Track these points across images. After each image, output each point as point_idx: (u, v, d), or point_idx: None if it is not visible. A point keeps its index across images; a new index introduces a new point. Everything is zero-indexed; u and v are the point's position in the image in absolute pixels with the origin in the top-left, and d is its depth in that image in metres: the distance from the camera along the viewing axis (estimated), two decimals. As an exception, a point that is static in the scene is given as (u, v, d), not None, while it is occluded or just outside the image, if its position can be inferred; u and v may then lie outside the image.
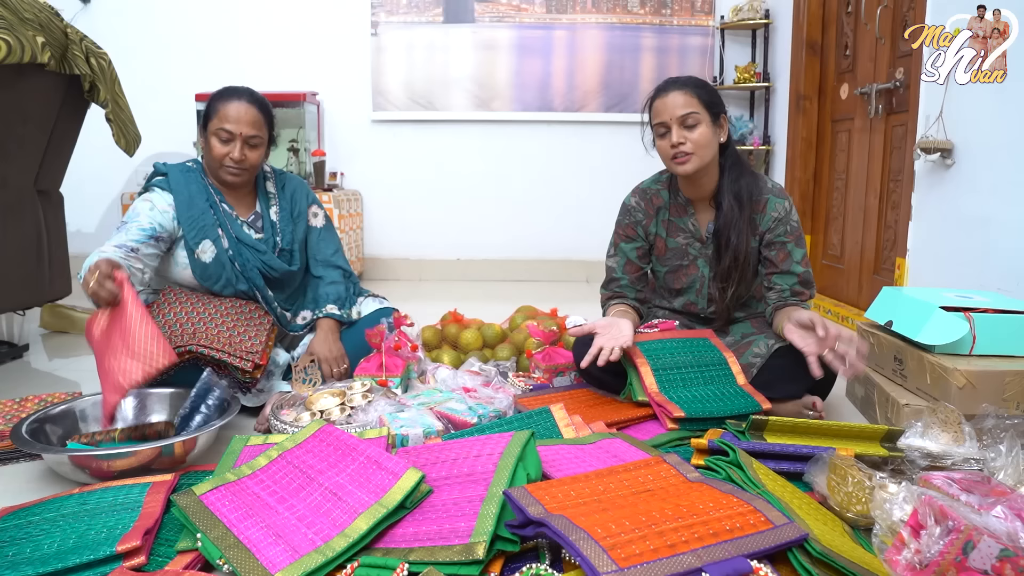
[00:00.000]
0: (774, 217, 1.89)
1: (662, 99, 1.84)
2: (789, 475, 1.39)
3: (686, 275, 2.00)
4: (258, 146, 1.94)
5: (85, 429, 1.69)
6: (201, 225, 1.91)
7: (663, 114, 1.83)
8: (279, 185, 2.11)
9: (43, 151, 2.47)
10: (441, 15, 4.31)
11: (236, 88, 1.96)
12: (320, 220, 2.16)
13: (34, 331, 2.94)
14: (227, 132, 1.89)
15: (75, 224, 4.22)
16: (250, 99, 1.93)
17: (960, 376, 1.63)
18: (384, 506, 1.18)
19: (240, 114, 1.89)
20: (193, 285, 1.96)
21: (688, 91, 1.81)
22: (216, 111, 1.91)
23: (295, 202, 2.10)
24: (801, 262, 1.90)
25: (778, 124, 4.06)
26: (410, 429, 1.59)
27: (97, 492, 1.38)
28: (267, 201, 2.07)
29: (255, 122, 1.91)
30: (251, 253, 1.96)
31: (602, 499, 1.14)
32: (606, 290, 2.08)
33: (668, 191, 2.00)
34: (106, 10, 4.21)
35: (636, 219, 2.01)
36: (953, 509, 1.03)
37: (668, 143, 1.83)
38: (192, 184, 1.95)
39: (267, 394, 1.93)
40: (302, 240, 2.10)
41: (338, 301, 2.09)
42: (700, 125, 1.81)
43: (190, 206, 1.92)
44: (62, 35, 2.34)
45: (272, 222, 2.05)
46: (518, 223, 4.45)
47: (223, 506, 1.25)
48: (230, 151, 1.90)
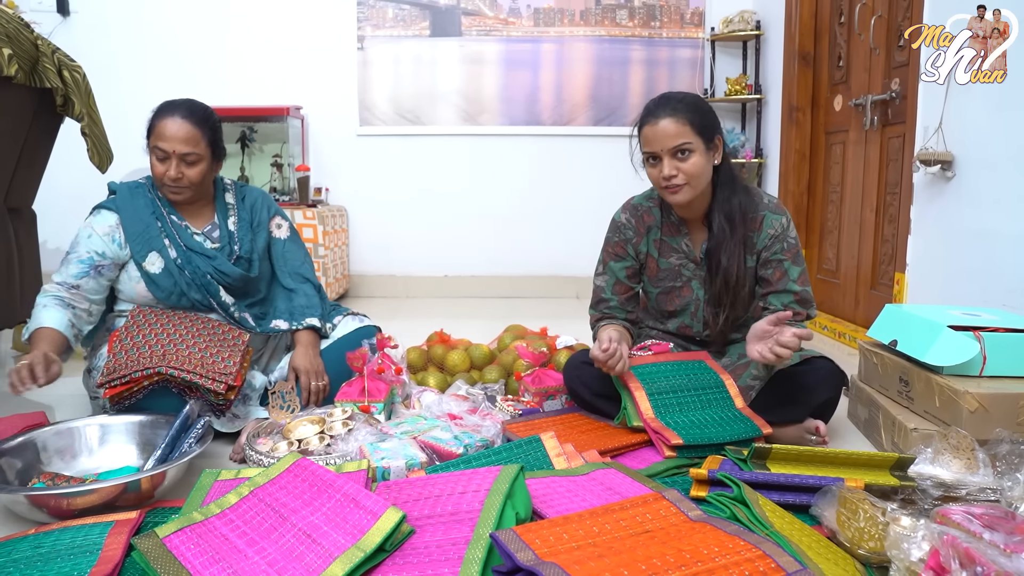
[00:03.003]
0: (770, 235, 1.81)
1: (652, 127, 1.73)
2: (795, 507, 1.31)
3: (680, 297, 1.92)
4: (196, 163, 1.88)
5: (47, 463, 1.59)
6: (146, 238, 1.89)
7: (654, 144, 1.73)
8: (239, 197, 2.07)
9: (13, 167, 2.38)
10: (428, 29, 4.24)
11: (173, 102, 1.90)
12: (284, 232, 2.12)
13: (5, 353, 2.83)
14: (161, 151, 1.85)
15: (52, 241, 4.12)
16: (185, 114, 1.86)
17: (972, 399, 1.55)
18: (361, 549, 1.09)
19: (174, 131, 1.84)
20: (151, 302, 1.91)
21: (680, 118, 1.71)
22: (153, 128, 1.87)
23: (255, 212, 2.06)
24: (798, 280, 1.81)
25: (771, 136, 4.00)
26: (392, 461, 1.50)
27: (54, 533, 1.28)
28: (225, 212, 2.03)
29: (189, 138, 1.85)
30: (202, 260, 1.92)
31: (597, 543, 1.05)
32: (595, 311, 1.99)
33: (660, 209, 1.91)
34: (86, 23, 4.12)
35: (626, 237, 1.92)
36: (979, 552, 0.95)
37: (659, 172, 1.74)
38: (138, 199, 1.93)
39: (243, 420, 1.84)
40: (263, 249, 2.05)
41: (317, 314, 2.03)
42: (693, 155, 1.72)
43: (134, 221, 1.90)
44: (32, 47, 2.25)
45: (230, 232, 2.00)
46: (506, 239, 4.37)
47: (188, 550, 1.15)
48: (167, 169, 1.85)
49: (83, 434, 1.66)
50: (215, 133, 1.93)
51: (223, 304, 1.94)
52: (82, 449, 1.64)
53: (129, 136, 2.90)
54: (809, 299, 1.83)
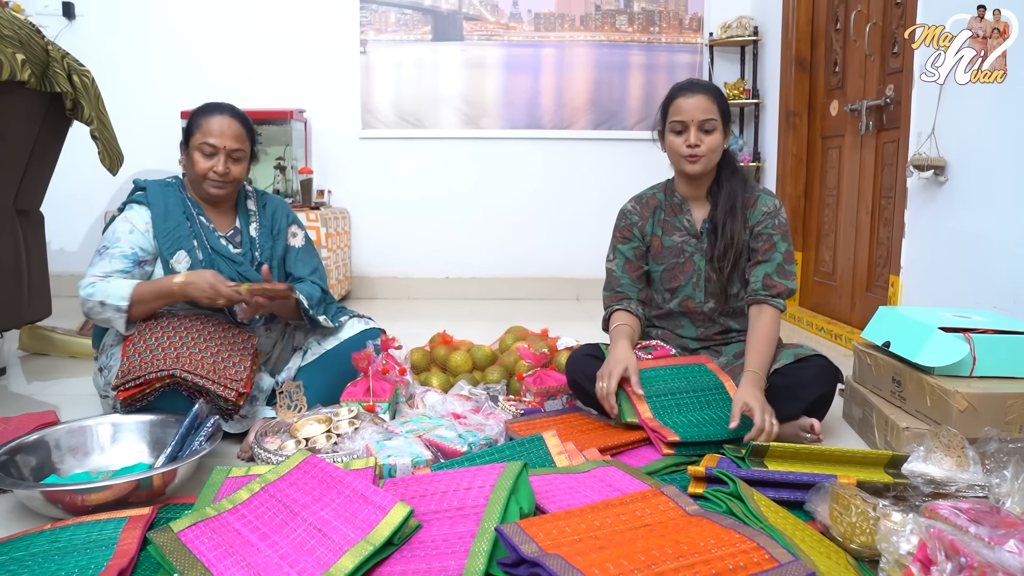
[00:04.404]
0: (764, 211, 1.93)
1: (686, 98, 1.88)
2: (790, 504, 1.34)
3: (683, 272, 2.00)
4: (241, 160, 1.95)
5: (60, 460, 1.63)
6: (176, 236, 1.92)
7: (684, 113, 1.87)
8: (260, 204, 2.11)
9: (23, 170, 2.42)
10: (430, 33, 4.29)
11: (218, 103, 1.97)
12: (299, 240, 2.15)
13: (12, 353, 2.87)
14: (210, 146, 1.90)
15: (58, 242, 4.17)
16: (232, 113, 1.95)
17: (961, 399, 1.59)
18: (371, 543, 1.13)
19: (223, 128, 1.91)
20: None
21: (711, 97, 1.89)
22: (199, 126, 1.92)
23: (275, 220, 2.10)
24: (783, 254, 1.91)
25: (768, 140, 4.05)
26: (398, 459, 1.54)
27: (70, 528, 1.32)
28: (247, 218, 2.07)
29: (238, 136, 1.93)
30: (226, 264, 1.95)
31: (599, 535, 1.09)
32: (608, 292, 2.06)
33: (664, 193, 2.05)
34: (91, 26, 4.17)
35: (632, 221, 2.05)
36: (964, 544, 0.99)
37: (684, 141, 1.88)
38: (170, 198, 1.96)
39: (251, 420, 1.88)
40: (280, 257, 2.10)
41: (310, 298, 2.02)
42: (715, 131, 1.88)
43: (166, 218, 1.93)
44: (43, 52, 2.29)
45: (251, 238, 2.05)
46: (507, 241, 4.42)
47: (202, 544, 1.19)
48: (214, 165, 1.91)
49: (95, 432, 1.69)
50: (254, 135, 2.02)
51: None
52: (94, 447, 1.68)
53: (132, 139, 2.95)
54: (790, 273, 1.90)
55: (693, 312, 2.02)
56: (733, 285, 1.97)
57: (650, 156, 4.16)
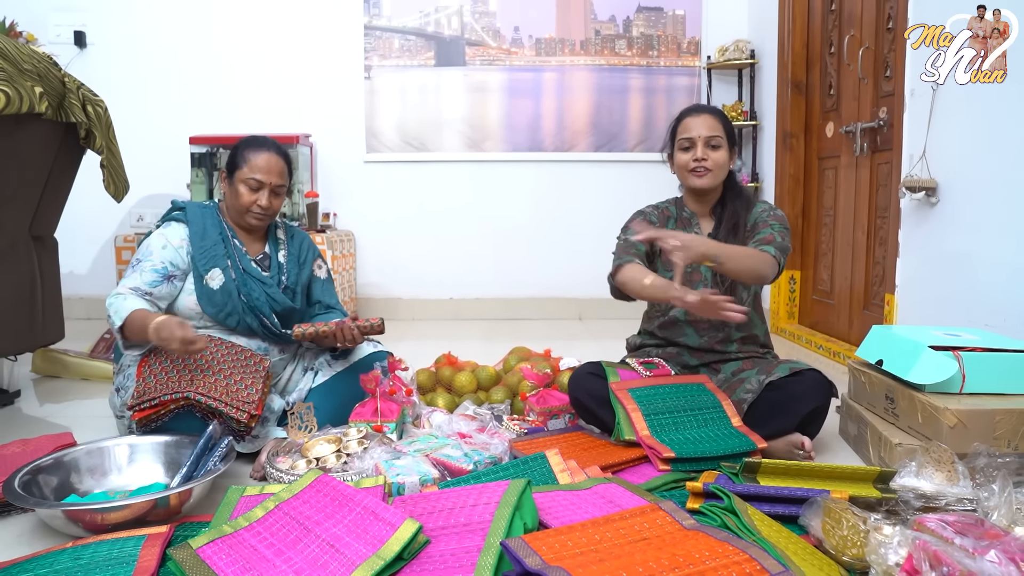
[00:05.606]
0: (763, 209, 2.05)
1: (694, 118, 2.02)
2: (784, 518, 1.39)
3: (689, 281, 2.03)
4: (281, 194, 2.07)
5: (78, 480, 1.68)
6: (212, 255, 2.00)
7: (692, 130, 2.01)
8: (288, 235, 2.23)
9: (39, 198, 2.49)
10: (433, 59, 4.38)
11: (264, 139, 2.09)
12: (323, 272, 2.28)
13: (25, 376, 2.93)
14: (257, 181, 2.01)
15: (67, 266, 4.21)
16: (277, 150, 2.06)
17: (951, 415, 1.64)
18: (382, 558, 1.18)
19: (271, 165, 2.02)
20: (194, 315, 1.98)
21: (717, 118, 2.03)
22: (246, 160, 2.02)
23: (302, 251, 2.21)
24: (779, 233, 1.96)
25: (766, 161, 4.12)
26: (406, 477, 1.59)
27: (91, 546, 1.37)
28: (276, 245, 2.17)
29: (282, 172, 2.06)
30: (256, 285, 2.03)
31: (599, 549, 1.14)
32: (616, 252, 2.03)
33: (675, 207, 2.15)
34: (101, 54, 4.27)
35: (649, 218, 2.12)
36: (947, 554, 1.04)
37: (691, 156, 2.00)
38: (208, 218, 2.06)
39: (263, 440, 1.93)
40: (305, 284, 2.20)
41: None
42: (721, 149, 2.01)
43: (203, 236, 2.02)
44: (59, 84, 2.37)
45: (279, 263, 2.14)
46: (510, 263, 4.48)
47: (220, 560, 1.24)
48: (258, 199, 2.02)
49: (113, 453, 1.75)
50: (292, 170, 2.14)
51: (275, 324, 2.03)
52: (112, 467, 1.73)
53: (139, 164, 3.00)
54: (785, 247, 1.94)
55: (698, 320, 2.07)
56: (738, 296, 2.01)
57: (651, 177, 4.29)
